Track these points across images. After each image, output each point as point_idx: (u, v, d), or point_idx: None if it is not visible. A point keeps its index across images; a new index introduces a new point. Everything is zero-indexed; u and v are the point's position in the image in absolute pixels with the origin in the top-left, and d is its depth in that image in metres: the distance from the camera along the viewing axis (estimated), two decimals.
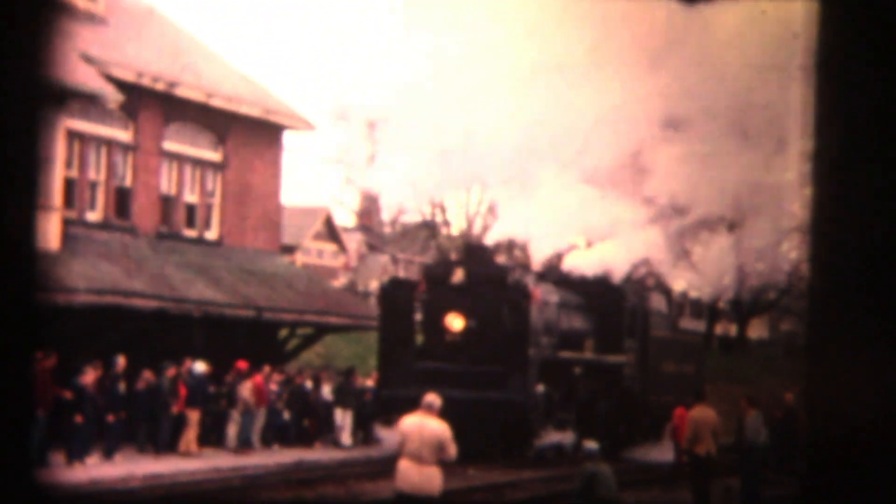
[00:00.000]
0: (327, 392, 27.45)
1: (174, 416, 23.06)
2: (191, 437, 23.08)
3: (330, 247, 48.62)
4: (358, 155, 37.70)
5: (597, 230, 26.33)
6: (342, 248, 49.08)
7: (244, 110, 29.85)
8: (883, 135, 2.94)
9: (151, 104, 27.58)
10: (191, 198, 29.03)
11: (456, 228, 43.17)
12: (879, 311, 2.92)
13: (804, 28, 3.08)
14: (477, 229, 41.09)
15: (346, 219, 50.14)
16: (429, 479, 11.48)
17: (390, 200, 25.95)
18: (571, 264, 27.05)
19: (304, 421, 26.97)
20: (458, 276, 23.59)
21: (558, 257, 27.54)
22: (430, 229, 43.44)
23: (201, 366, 23.67)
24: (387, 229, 47.16)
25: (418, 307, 24.42)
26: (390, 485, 19.32)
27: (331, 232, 49.63)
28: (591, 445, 16.64)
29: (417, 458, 11.45)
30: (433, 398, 11.85)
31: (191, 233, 28.98)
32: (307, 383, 27.65)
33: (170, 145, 28.30)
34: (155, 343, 24.52)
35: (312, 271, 39.31)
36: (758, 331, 54.68)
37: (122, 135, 27.06)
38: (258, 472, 21.47)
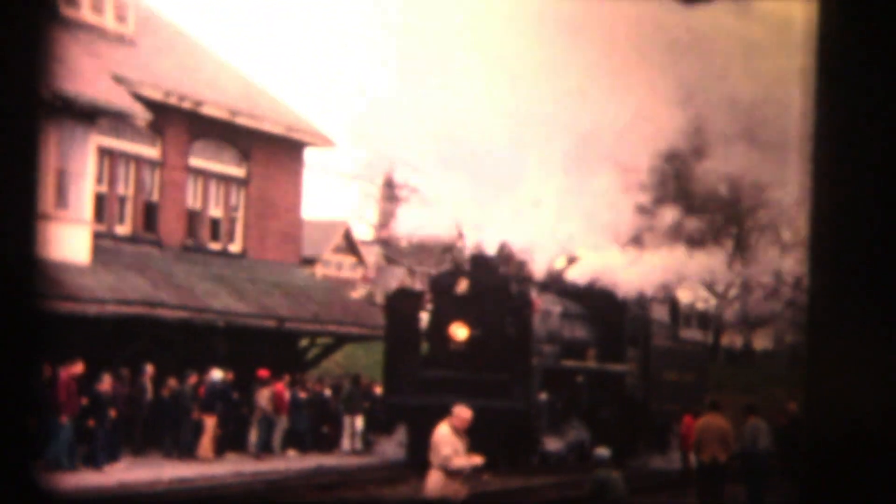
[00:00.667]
0: None
1: (195, 422, 23.08)
2: (206, 442, 23.06)
3: (349, 259, 48.71)
4: (376, 171, 37.68)
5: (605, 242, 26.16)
6: (361, 260, 49.14)
7: (267, 127, 29.94)
8: (883, 135, 2.85)
9: (178, 122, 27.69)
10: (215, 212, 29.12)
11: (470, 241, 43.14)
12: (879, 310, 2.85)
13: (804, 28, 2.97)
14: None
15: (364, 232, 50.25)
16: (458, 487, 11.28)
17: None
18: (576, 275, 26.80)
19: (324, 427, 26.97)
20: (463, 286, 23.47)
21: (561, 269, 27.30)
22: (451, 248, 43.46)
23: (218, 373, 23.67)
24: (403, 243, 47.23)
25: (423, 317, 24.33)
26: (406, 489, 19.34)
27: (350, 245, 49.72)
28: (602, 452, 16.61)
29: (446, 466, 11.24)
30: (462, 409, 11.60)
31: (215, 246, 29.06)
32: (326, 391, 27.66)
33: (195, 161, 28.41)
34: (180, 352, 24.59)
35: (332, 283, 39.36)
36: (763, 342, 54.50)
37: (150, 151, 27.17)
38: (279, 476, 21.45)
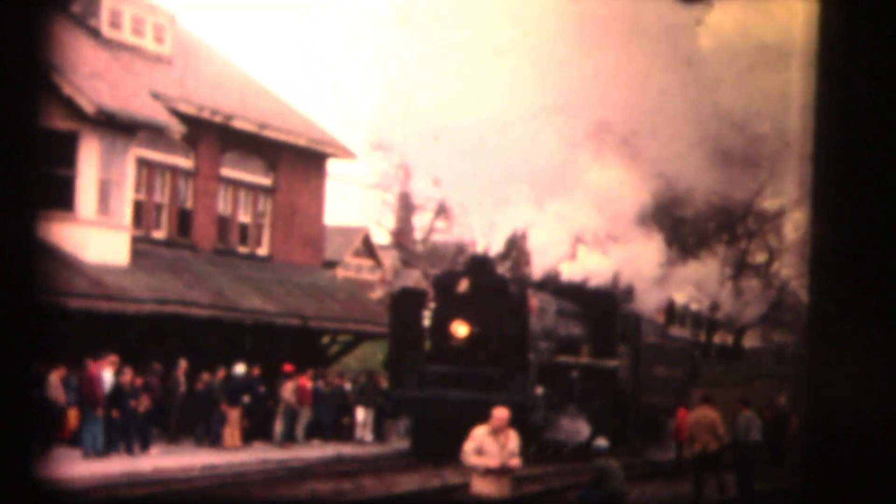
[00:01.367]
0: None
1: (223, 413, 23.10)
2: (230, 432, 23.01)
3: (367, 263, 48.70)
4: (394, 180, 37.62)
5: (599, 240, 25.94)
6: (378, 263, 49.14)
7: (292, 140, 29.96)
8: (883, 135, 2.73)
9: (210, 135, 27.73)
10: (244, 218, 29.15)
11: (481, 246, 43.08)
12: (879, 310, 2.73)
13: (805, 28, 2.84)
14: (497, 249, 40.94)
15: (382, 238, 50.26)
16: (505, 486, 11.13)
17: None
18: (571, 273, 26.55)
19: (344, 419, 26.95)
20: (464, 286, 23.27)
21: (556, 269, 27.02)
22: (461, 250, 43.40)
23: (241, 368, 23.66)
24: (419, 247, 47.21)
25: (426, 315, 24.07)
26: (419, 477, 19.27)
27: (368, 249, 49.71)
28: (601, 443, 16.59)
29: (499, 467, 11.02)
30: (499, 410, 11.41)
31: (244, 249, 29.08)
32: (346, 385, 27.64)
33: (226, 171, 28.44)
34: (211, 348, 24.60)
35: (352, 284, 39.33)
36: (752, 340, 54.33)
37: (184, 162, 27.21)
38: (302, 464, 21.44)
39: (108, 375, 20.22)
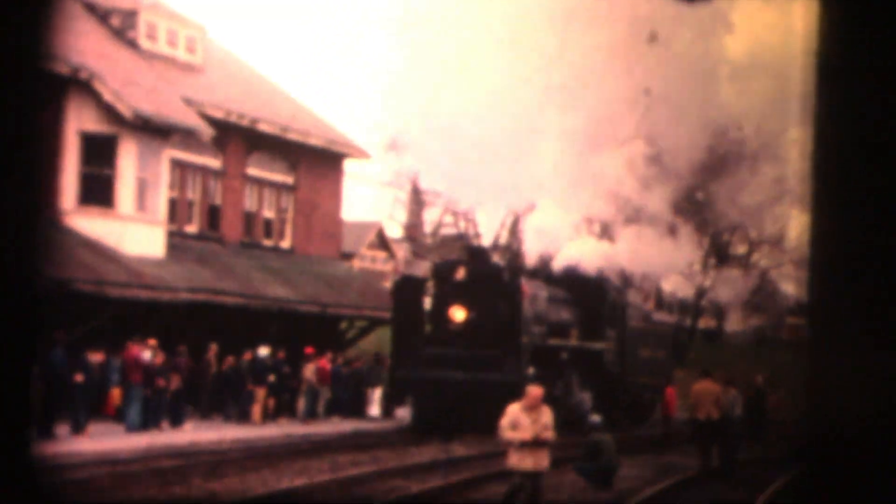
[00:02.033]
0: None
1: (249, 392, 23.23)
2: (257, 409, 23.08)
3: (381, 254, 48.84)
4: (405, 178, 37.61)
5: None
6: (391, 255, 49.26)
7: (312, 142, 30.05)
8: (883, 135, 2.55)
9: (237, 137, 27.85)
10: (268, 214, 29.28)
11: (487, 239, 43.17)
12: (879, 310, 2.55)
13: (805, 28, 2.66)
14: (503, 239, 41.05)
15: (394, 231, 50.35)
16: (542, 458, 10.91)
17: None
18: (565, 258, 26.30)
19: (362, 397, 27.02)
20: (461, 274, 23.10)
21: (549, 257, 26.79)
22: (463, 240, 43.47)
23: (265, 350, 23.68)
24: (428, 240, 47.29)
25: (426, 300, 23.81)
26: (431, 450, 19.38)
27: (382, 242, 49.84)
28: (595, 419, 16.74)
29: (531, 440, 10.82)
30: (532, 387, 11.15)
31: (268, 242, 29.22)
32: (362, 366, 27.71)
33: (252, 171, 28.56)
34: (239, 332, 24.71)
35: (367, 275, 39.46)
36: (733, 325, 54.40)
37: (214, 163, 27.34)
38: (322, 438, 21.56)
39: (146, 357, 20.37)
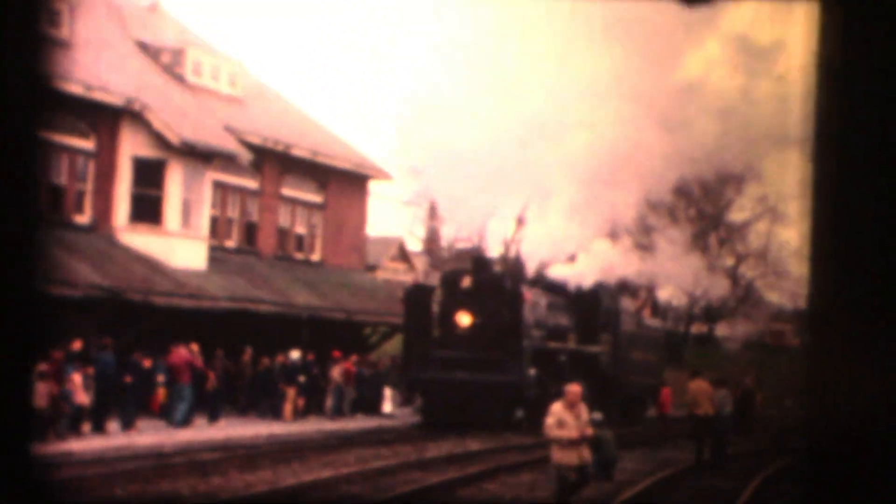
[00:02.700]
0: None
1: (281, 391, 23.24)
2: (288, 407, 23.06)
3: (402, 266, 48.90)
4: (424, 198, 37.58)
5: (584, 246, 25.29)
6: (411, 267, 49.32)
7: (340, 165, 30.18)
8: (884, 136, 2.38)
9: (272, 161, 28.00)
10: (300, 230, 29.40)
11: (496, 252, 43.11)
12: (879, 311, 2.37)
13: (804, 30, 2.49)
14: (512, 253, 40.94)
15: (414, 245, 50.45)
16: (585, 452, 10.71)
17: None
18: (558, 273, 26.09)
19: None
20: (467, 282, 22.93)
21: (545, 267, 26.47)
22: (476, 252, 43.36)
23: (296, 353, 23.67)
24: (445, 253, 47.35)
25: (435, 307, 23.62)
26: (448, 445, 19.37)
27: (403, 255, 49.92)
28: (596, 416, 16.69)
29: (579, 437, 10.58)
30: (571, 385, 10.87)
31: (300, 255, 29.33)
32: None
33: (285, 191, 28.70)
34: (273, 337, 24.77)
35: (389, 285, 39.51)
36: (723, 330, 54.16)
37: (251, 184, 27.48)
38: (348, 433, 21.54)
39: (194, 360, 20.45)
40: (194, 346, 20.72)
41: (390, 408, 26.48)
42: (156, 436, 18.01)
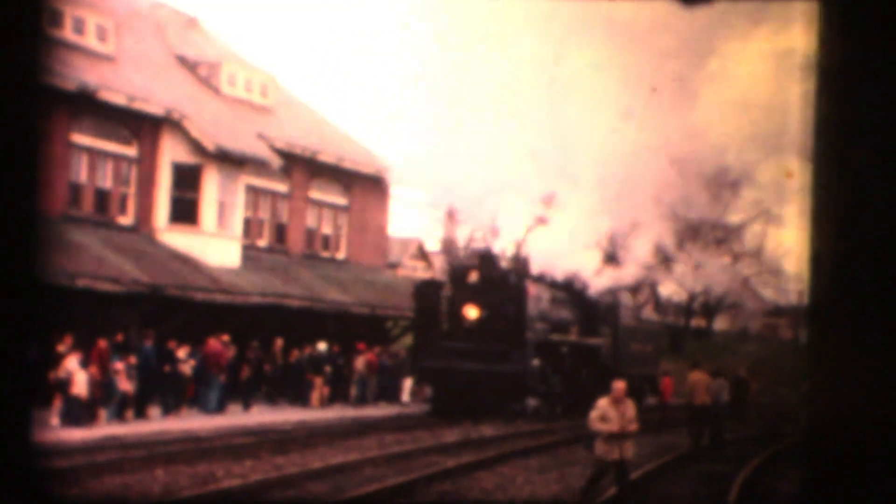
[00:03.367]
0: None
1: (309, 381, 23.24)
2: (315, 395, 23.05)
3: (421, 264, 48.90)
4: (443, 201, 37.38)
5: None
6: (430, 265, 49.31)
7: (363, 170, 30.16)
8: (884, 136, 2.27)
9: (301, 166, 28.01)
10: (327, 230, 29.40)
11: (508, 251, 42.98)
12: (879, 311, 2.27)
13: (805, 30, 2.38)
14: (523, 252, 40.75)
15: (433, 245, 50.47)
16: (627, 448, 10.42)
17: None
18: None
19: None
20: (474, 277, 22.72)
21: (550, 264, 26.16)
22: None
23: (322, 345, 23.67)
24: (461, 252, 47.30)
25: (444, 300, 23.31)
26: (461, 431, 19.32)
27: (422, 254, 49.93)
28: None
29: (619, 431, 10.31)
30: (617, 382, 10.47)
31: (326, 254, 29.33)
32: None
33: (313, 194, 28.71)
34: (302, 330, 24.79)
35: (409, 282, 39.46)
36: (721, 324, 53.89)
37: (281, 188, 27.51)
38: (371, 420, 21.52)
39: (229, 352, 20.46)
40: (225, 336, 20.75)
41: (407, 396, 26.44)
42: (192, 422, 18.04)
